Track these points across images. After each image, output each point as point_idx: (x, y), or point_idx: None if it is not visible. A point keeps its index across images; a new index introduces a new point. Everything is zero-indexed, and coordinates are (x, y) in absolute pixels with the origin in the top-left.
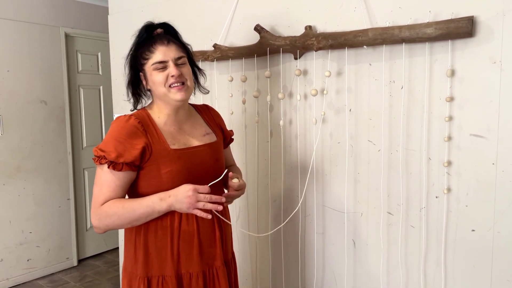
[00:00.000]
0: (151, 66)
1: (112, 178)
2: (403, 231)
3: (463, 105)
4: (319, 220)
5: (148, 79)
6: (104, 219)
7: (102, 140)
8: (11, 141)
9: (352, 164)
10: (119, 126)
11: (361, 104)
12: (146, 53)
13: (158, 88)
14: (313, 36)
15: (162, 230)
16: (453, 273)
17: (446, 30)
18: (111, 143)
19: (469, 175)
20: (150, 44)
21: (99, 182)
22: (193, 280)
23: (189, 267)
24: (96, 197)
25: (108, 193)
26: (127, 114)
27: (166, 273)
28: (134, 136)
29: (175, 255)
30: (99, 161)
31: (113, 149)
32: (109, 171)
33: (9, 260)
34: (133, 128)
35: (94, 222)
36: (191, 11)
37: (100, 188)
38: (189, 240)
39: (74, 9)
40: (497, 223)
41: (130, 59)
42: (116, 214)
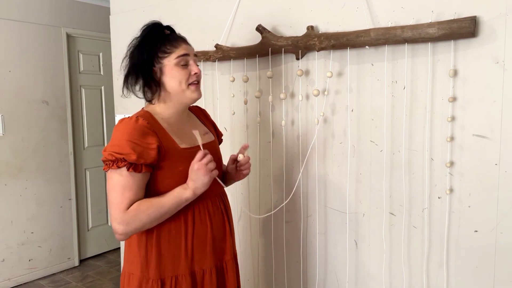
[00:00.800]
0: (174, 60)
1: (133, 180)
2: (406, 231)
3: (466, 105)
4: (321, 221)
5: (166, 74)
6: (133, 223)
7: (110, 143)
8: (13, 141)
9: (354, 164)
10: (130, 127)
11: (363, 104)
12: (168, 47)
13: (176, 85)
14: (315, 36)
15: (176, 230)
16: (455, 274)
17: (448, 30)
18: (127, 145)
19: (472, 175)
20: (172, 39)
21: (118, 187)
22: (206, 276)
23: (203, 264)
24: (119, 203)
25: (132, 196)
26: (131, 116)
27: (179, 273)
28: (147, 136)
29: (189, 253)
30: (116, 164)
31: (131, 151)
32: (129, 174)
33: (11, 260)
34: (144, 129)
35: (120, 229)
36: (193, 11)
37: (121, 193)
38: (203, 236)
39: (75, 10)
40: (500, 223)
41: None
42: (145, 213)
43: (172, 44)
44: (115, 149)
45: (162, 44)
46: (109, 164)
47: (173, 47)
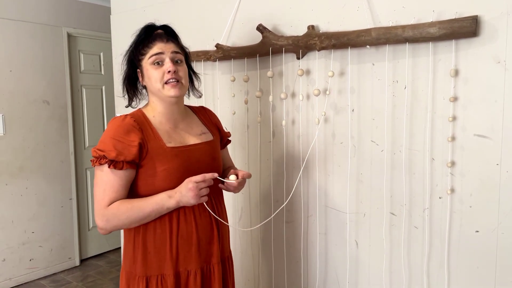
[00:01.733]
0: (148, 59)
1: (114, 177)
2: (406, 232)
3: (467, 105)
4: (321, 221)
5: (144, 74)
6: (112, 220)
7: (100, 140)
8: (13, 141)
9: (355, 164)
10: (115, 125)
11: (364, 104)
12: (145, 48)
13: (153, 84)
14: (316, 35)
15: (161, 229)
16: (456, 275)
17: (450, 30)
18: (109, 142)
19: (473, 175)
20: (149, 41)
21: (101, 183)
22: (191, 277)
23: (188, 265)
24: (100, 199)
25: (112, 193)
26: (123, 114)
27: (165, 272)
28: (130, 133)
29: (174, 254)
30: (98, 161)
31: (112, 148)
32: (110, 171)
33: (12, 260)
34: (129, 126)
35: (100, 224)
36: (194, 11)
37: (103, 189)
38: (188, 238)
39: (76, 9)
40: (501, 224)
41: (129, 55)
42: (125, 214)
43: (147, 44)
44: (100, 146)
45: (139, 46)
46: (94, 160)
47: (148, 48)
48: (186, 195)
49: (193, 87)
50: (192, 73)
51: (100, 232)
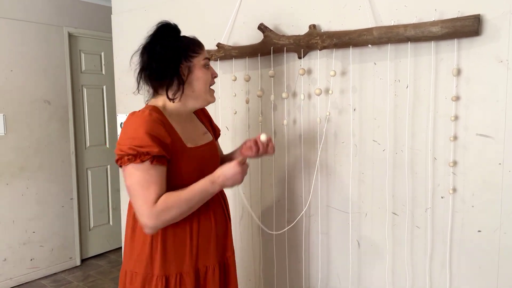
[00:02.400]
0: (203, 60)
1: (157, 173)
2: (408, 231)
3: (469, 104)
4: (323, 220)
5: (194, 73)
6: (162, 216)
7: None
8: (14, 141)
9: (356, 164)
10: (145, 120)
11: (366, 103)
12: (196, 49)
13: (200, 85)
14: (317, 35)
15: (181, 228)
16: (458, 274)
17: (452, 29)
18: (147, 138)
19: (475, 175)
20: (196, 42)
21: (143, 181)
22: (209, 272)
23: (206, 261)
24: (146, 198)
25: (158, 190)
26: (141, 110)
27: (184, 270)
28: (161, 128)
29: (194, 251)
30: (140, 159)
31: (153, 143)
32: (152, 167)
33: (12, 259)
34: (158, 121)
35: (150, 223)
36: (195, 11)
37: (146, 188)
38: (207, 233)
39: (77, 9)
40: (503, 223)
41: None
42: (174, 209)
43: (199, 45)
44: (136, 142)
45: (192, 44)
46: (131, 158)
47: (200, 49)
48: (234, 178)
49: None
50: None
51: (147, 232)
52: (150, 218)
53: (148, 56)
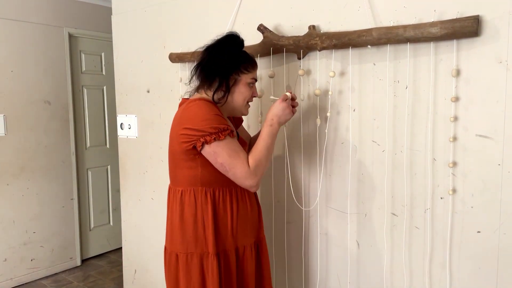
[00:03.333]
0: (250, 79)
1: (237, 143)
2: (408, 232)
3: (469, 105)
4: (322, 221)
5: (239, 86)
6: (259, 170)
7: (196, 120)
8: (15, 141)
9: (356, 164)
10: (209, 105)
11: (365, 104)
12: (249, 67)
13: (239, 99)
14: (317, 35)
15: (223, 210)
16: (458, 275)
17: (451, 30)
18: (219, 117)
19: (475, 176)
20: (253, 61)
21: (233, 152)
22: (247, 251)
23: (244, 241)
24: (241, 163)
25: (244, 154)
26: (198, 98)
27: (227, 248)
28: (220, 113)
29: (234, 232)
30: (222, 134)
31: (224, 122)
32: (232, 139)
33: (13, 260)
34: (216, 107)
35: (254, 180)
36: (194, 11)
37: (237, 156)
38: (244, 217)
39: (77, 10)
40: (503, 224)
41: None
42: (262, 159)
43: (253, 66)
44: (212, 123)
45: (248, 61)
46: (216, 137)
47: (253, 69)
48: (284, 113)
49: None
50: None
51: (253, 190)
52: (252, 177)
53: (209, 55)
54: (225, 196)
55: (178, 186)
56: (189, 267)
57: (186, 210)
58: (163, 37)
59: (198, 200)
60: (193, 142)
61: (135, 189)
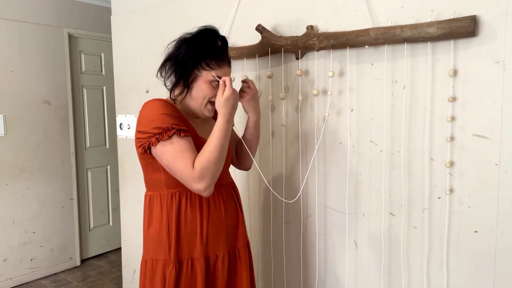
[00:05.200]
0: (211, 77)
1: (185, 142)
2: (405, 232)
3: (466, 105)
4: (320, 221)
5: (198, 82)
6: (205, 173)
7: (144, 122)
8: (14, 141)
9: (353, 164)
10: (160, 104)
11: (363, 104)
12: (213, 63)
13: (200, 97)
14: (315, 36)
15: (192, 215)
16: (455, 275)
17: (448, 30)
18: (165, 118)
19: (472, 176)
20: (220, 57)
21: (177, 153)
22: (219, 261)
23: (216, 249)
24: (185, 166)
25: (192, 155)
26: (158, 98)
27: (194, 256)
28: (177, 112)
29: (204, 238)
30: (166, 134)
31: (173, 120)
32: (181, 138)
33: (12, 260)
34: (173, 107)
35: (200, 185)
36: (193, 12)
37: (182, 157)
38: (217, 223)
39: (77, 10)
40: (500, 224)
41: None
42: (210, 160)
43: (218, 62)
44: (157, 123)
45: (210, 57)
46: (158, 137)
47: (217, 66)
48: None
49: None
50: None
51: (205, 194)
52: (198, 180)
53: (174, 49)
54: (193, 200)
55: (148, 190)
56: (154, 274)
57: (154, 215)
58: (162, 37)
59: (164, 204)
60: (143, 146)
61: (134, 189)
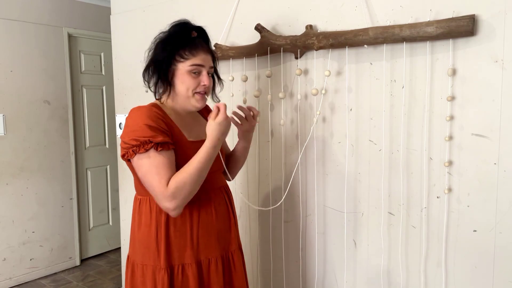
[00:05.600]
0: (188, 67)
1: (164, 158)
2: (404, 231)
3: (465, 104)
4: (319, 220)
5: (178, 77)
6: (178, 194)
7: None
8: (14, 141)
9: (352, 164)
10: (145, 113)
11: (362, 103)
12: (187, 53)
13: (184, 90)
14: (314, 35)
15: (182, 220)
16: (454, 274)
17: (447, 29)
18: (147, 128)
19: (471, 175)
20: (193, 46)
21: (152, 168)
22: (212, 265)
23: (208, 253)
24: (158, 183)
25: (168, 173)
26: (144, 105)
27: (185, 261)
28: (161, 121)
29: (194, 243)
30: (143, 148)
31: (153, 132)
32: (158, 154)
33: (12, 259)
34: (158, 115)
35: (169, 205)
36: (193, 11)
37: (156, 173)
38: (209, 226)
39: (77, 10)
40: (498, 223)
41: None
42: (187, 182)
43: (191, 51)
44: (137, 134)
45: (182, 48)
46: (135, 149)
47: (191, 54)
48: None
49: (213, 92)
50: (216, 78)
51: (173, 214)
52: (169, 199)
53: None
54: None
55: (137, 194)
56: (145, 280)
57: (143, 219)
58: None
59: (153, 209)
60: (124, 156)
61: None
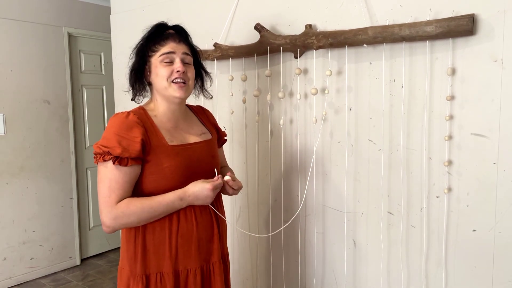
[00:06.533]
0: (159, 57)
1: (119, 174)
2: (404, 231)
3: (464, 104)
4: (319, 220)
5: (152, 71)
6: (121, 219)
7: (102, 136)
8: (14, 141)
9: (352, 163)
10: (118, 121)
11: (362, 103)
12: (156, 46)
13: (160, 81)
14: (313, 34)
15: (160, 227)
16: (454, 274)
17: (446, 28)
18: (113, 139)
19: (470, 174)
20: (162, 39)
21: (106, 179)
22: (191, 276)
23: (187, 264)
24: (106, 196)
25: (119, 190)
26: (125, 111)
27: (164, 270)
28: (133, 129)
29: (173, 252)
30: (102, 158)
31: (116, 144)
32: (115, 167)
33: (12, 259)
34: (132, 122)
35: (108, 222)
36: (192, 11)
37: (108, 186)
38: (188, 237)
39: (77, 9)
40: (498, 223)
41: (139, 49)
42: (135, 214)
43: (159, 42)
44: (103, 142)
45: (151, 43)
46: (97, 157)
47: (160, 46)
48: (204, 199)
49: (202, 88)
50: (204, 73)
51: (105, 230)
52: (108, 217)
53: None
54: None
55: None
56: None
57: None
58: None
59: None
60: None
61: None
